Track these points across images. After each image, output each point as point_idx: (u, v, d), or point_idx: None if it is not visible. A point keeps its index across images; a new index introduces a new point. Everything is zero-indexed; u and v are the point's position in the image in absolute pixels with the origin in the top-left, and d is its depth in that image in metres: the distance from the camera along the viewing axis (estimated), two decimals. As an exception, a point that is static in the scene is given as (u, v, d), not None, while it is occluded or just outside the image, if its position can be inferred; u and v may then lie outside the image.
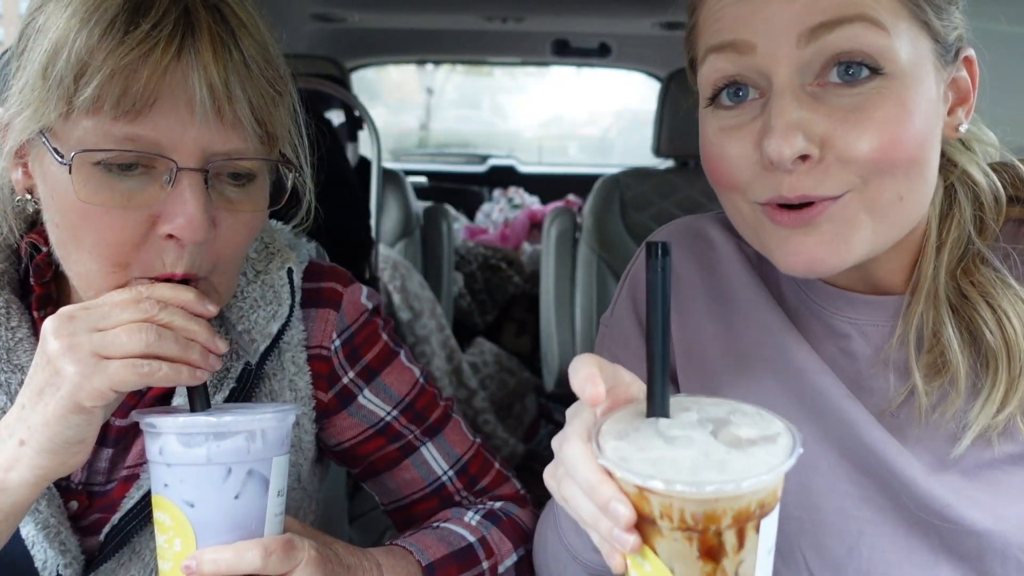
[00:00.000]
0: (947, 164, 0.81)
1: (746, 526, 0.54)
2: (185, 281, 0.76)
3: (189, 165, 0.73)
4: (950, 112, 0.78)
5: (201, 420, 0.70)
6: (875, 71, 0.70)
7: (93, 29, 0.70)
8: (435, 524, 0.96)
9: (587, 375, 0.60)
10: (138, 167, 0.73)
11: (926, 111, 0.73)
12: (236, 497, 0.71)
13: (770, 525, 0.56)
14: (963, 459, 0.78)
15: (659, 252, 0.58)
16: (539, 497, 1.03)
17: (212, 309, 0.75)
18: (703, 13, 0.77)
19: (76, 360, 0.69)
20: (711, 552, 0.55)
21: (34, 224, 0.86)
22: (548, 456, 0.66)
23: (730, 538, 0.54)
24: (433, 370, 2.75)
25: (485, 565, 0.92)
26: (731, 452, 0.55)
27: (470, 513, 0.97)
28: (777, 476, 0.54)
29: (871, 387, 0.82)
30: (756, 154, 0.73)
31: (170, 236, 0.74)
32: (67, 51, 0.70)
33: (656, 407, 0.60)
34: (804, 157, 0.70)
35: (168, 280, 0.75)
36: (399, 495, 1.01)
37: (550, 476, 0.65)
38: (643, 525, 0.56)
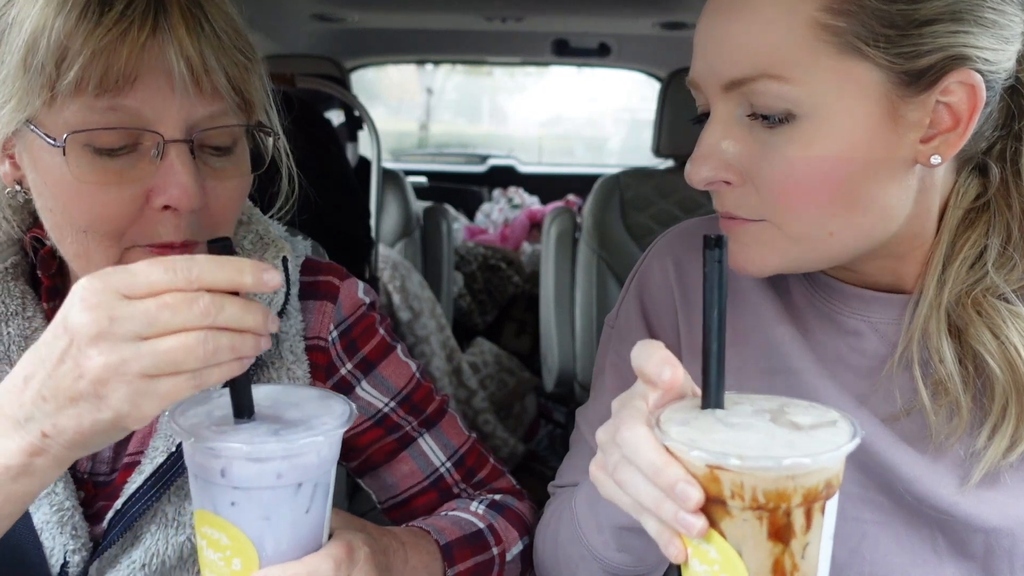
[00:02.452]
0: (987, 181, 0.78)
1: (813, 506, 0.55)
2: (185, 248, 0.78)
3: (175, 137, 0.76)
4: (929, 139, 0.73)
5: (272, 447, 0.64)
6: (788, 115, 0.72)
7: (69, 14, 0.72)
8: (444, 512, 0.97)
9: (663, 358, 0.60)
10: (125, 148, 0.76)
11: (856, 144, 0.72)
12: (306, 512, 0.68)
13: (832, 509, 0.57)
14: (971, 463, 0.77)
15: (716, 244, 0.59)
16: (539, 497, 1.03)
17: (274, 327, 0.66)
18: None
19: (124, 384, 0.61)
20: (779, 533, 0.55)
21: (37, 219, 0.87)
22: (548, 456, 0.66)
23: (799, 518, 0.55)
24: (433, 370, 2.75)
25: (495, 551, 0.93)
26: (794, 434, 0.56)
27: (475, 503, 0.98)
28: (844, 455, 0.55)
29: (884, 387, 0.81)
30: None
31: (166, 207, 0.77)
32: (46, 39, 0.72)
33: (711, 399, 0.60)
34: (727, 181, 0.76)
35: (167, 247, 0.77)
36: (397, 490, 1.01)
37: (598, 467, 0.65)
38: (709, 508, 0.56)
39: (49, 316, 0.87)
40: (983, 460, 0.75)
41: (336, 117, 2.88)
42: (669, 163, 2.73)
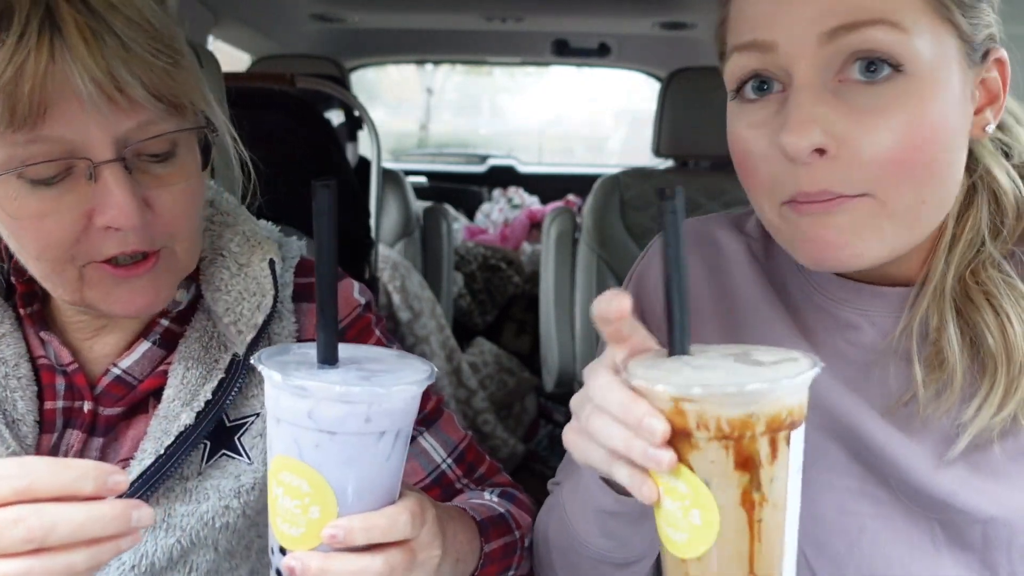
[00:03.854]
0: (970, 162, 0.79)
1: (777, 436, 0.56)
2: (144, 257, 0.78)
3: (105, 157, 0.74)
4: (978, 111, 0.76)
5: (368, 391, 0.64)
6: (896, 68, 0.70)
7: None
8: (465, 499, 0.97)
9: (612, 293, 0.61)
10: (59, 175, 0.74)
11: (949, 111, 0.72)
12: (387, 460, 0.67)
13: (798, 441, 0.58)
14: (967, 453, 0.77)
15: (672, 195, 0.61)
16: (539, 497, 1.04)
17: (147, 520, 0.62)
18: (732, 9, 0.77)
19: None
20: (746, 462, 0.56)
21: None
22: (548, 456, 0.66)
23: (764, 447, 0.56)
24: (433, 370, 2.75)
25: (516, 535, 0.93)
26: (758, 369, 0.58)
27: (487, 493, 0.98)
28: (804, 382, 0.57)
29: (880, 379, 0.81)
30: (776, 150, 0.73)
31: (108, 227, 0.76)
32: None
33: (677, 345, 0.61)
34: (821, 151, 0.70)
35: (120, 265, 0.77)
36: None
37: (571, 431, 0.66)
38: (676, 442, 0.57)
39: (24, 321, 0.88)
40: (969, 430, 0.76)
41: (336, 117, 2.88)
42: (669, 163, 2.73)
